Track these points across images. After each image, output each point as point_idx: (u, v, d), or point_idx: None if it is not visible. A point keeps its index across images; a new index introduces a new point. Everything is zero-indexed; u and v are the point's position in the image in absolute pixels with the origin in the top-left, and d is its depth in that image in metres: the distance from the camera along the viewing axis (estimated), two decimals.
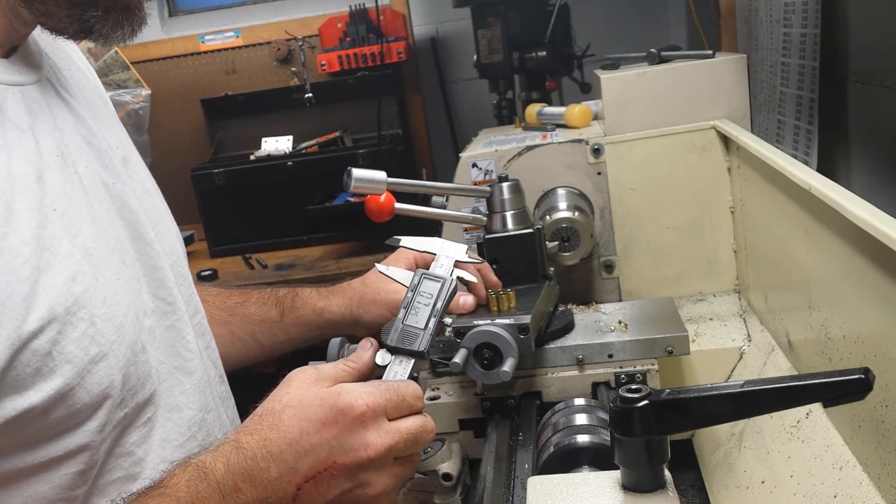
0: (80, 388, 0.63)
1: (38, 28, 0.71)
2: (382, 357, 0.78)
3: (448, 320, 0.88)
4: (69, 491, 0.66)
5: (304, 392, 0.69)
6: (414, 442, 0.70)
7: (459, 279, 0.87)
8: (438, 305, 0.80)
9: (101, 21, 0.68)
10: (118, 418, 0.69)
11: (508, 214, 1.01)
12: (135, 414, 0.71)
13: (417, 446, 0.71)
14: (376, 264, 0.91)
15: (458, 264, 0.88)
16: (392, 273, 0.87)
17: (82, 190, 0.70)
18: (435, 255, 0.88)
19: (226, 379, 0.94)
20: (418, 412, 0.72)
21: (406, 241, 0.94)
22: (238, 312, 1.07)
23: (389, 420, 0.69)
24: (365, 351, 0.77)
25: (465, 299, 0.91)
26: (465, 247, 0.89)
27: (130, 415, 0.71)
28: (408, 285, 0.83)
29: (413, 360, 0.77)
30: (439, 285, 0.82)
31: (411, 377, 0.76)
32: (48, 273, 0.62)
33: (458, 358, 0.85)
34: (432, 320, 0.79)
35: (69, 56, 0.84)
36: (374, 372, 0.78)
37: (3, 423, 0.60)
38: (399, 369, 0.77)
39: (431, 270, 0.85)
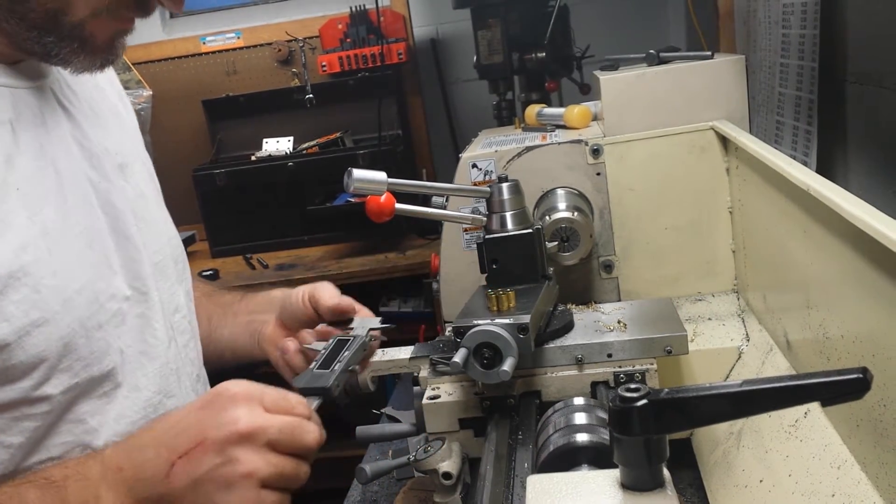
0: (17, 347, 0.69)
1: None
2: None
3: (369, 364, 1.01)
4: (2, 435, 0.71)
5: None
6: (290, 435, 0.70)
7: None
8: (347, 353, 0.87)
9: (57, 47, 0.72)
10: (67, 385, 0.74)
11: (508, 215, 1.01)
12: (89, 385, 0.77)
13: (295, 442, 0.71)
14: (304, 344, 0.99)
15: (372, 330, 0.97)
16: (315, 346, 0.95)
17: (56, 179, 0.76)
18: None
19: (204, 379, 1.00)
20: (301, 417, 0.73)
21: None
22: (216, 300, 1.15)
23: (267, 411, 0.71)
24: None
25: None
26: (379, 318, 1.00)
27: (83, 385, 0.76)
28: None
29: (319, 399, 0.80)
30: (350, 339, 0.90)
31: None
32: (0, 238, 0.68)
33: (457, 357, 0.85)
34: (339, 364, 0.85)
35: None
36: None
37: None
38: None
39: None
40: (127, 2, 0.74)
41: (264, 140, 2.70)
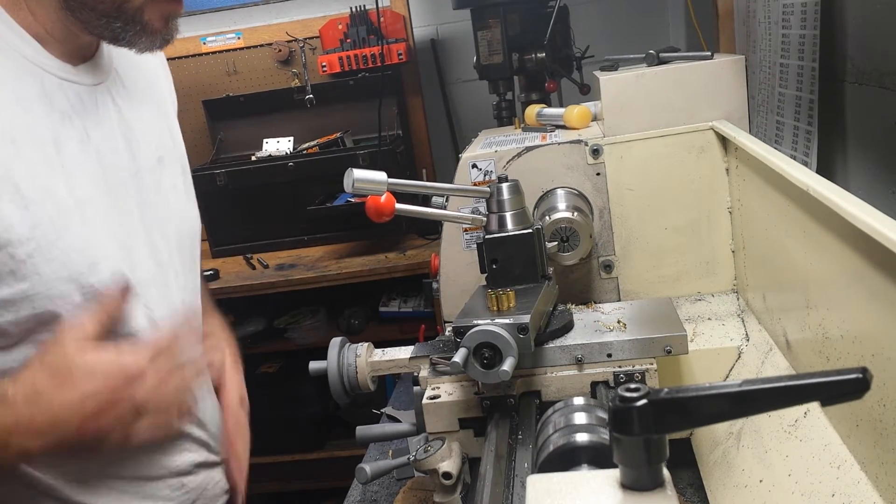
0: (45, 297, 0.81)
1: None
2: None
3: None
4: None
5: None
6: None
7: None
8: None
9: (123, 31, 0.86)
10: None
11: (508, 215, 1.01)
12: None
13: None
14: None
15: None
16: None
17: (98, 163, 0.89)
18: None
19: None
20: None
21: None
22: None
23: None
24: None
25: None
26: None
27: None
28: None
29: None
30: None
31: None
32: (38, 204, 0.80)
33: (458, 357, 0.85)
34: None
35: (149, 71, 1.04)
36: None
37: None
38: None
39: None
40: None
41: (264, 140, 2.70)
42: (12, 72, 0.83)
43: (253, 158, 2.64)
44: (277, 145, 2.68)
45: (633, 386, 0.54)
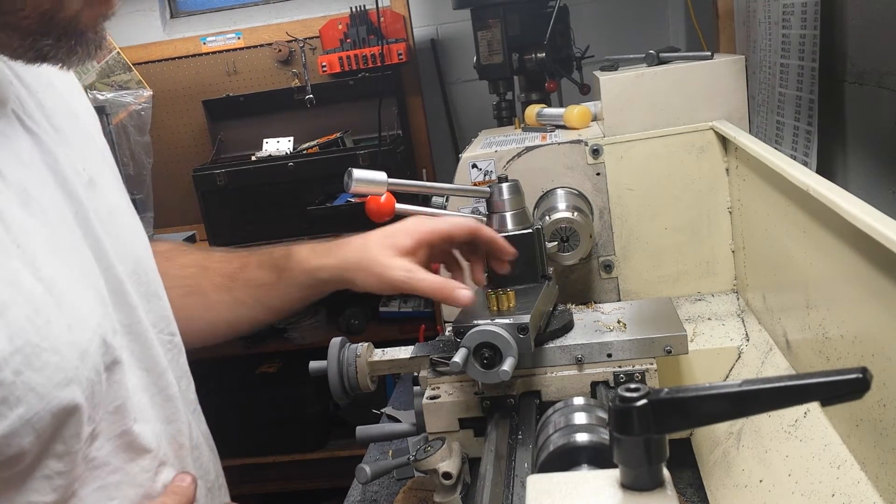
0: (46, 413, 0.65)
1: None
2: None
3: None
4: (36, 495, 0.67)
5: None
6: None
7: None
8: None
9: (54, 48, 0.68)
10: (87, 433, 0.70)
11: (508, 215, 1.01)
12: (108, 427, 0.73)
13: None
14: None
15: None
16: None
17: (46, 223, 0.71)
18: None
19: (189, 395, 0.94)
20: None
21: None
22: (239, 278, 1.07)
23: None
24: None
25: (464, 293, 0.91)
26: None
27: (106, 432, 0.73)
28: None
29: None
30: None
31: None
32: (12, 307, 0.63)
33: (457, 357, 0.85)
34: None
35: (46, 76, 0.83)
36: None
37: None
38: None
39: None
40: None
41: (264, 140, 2.70)
42: None
43: (253, 158, 2.64)
44: (277, 145, 2.68)
45: (633, 386, 0.54)
